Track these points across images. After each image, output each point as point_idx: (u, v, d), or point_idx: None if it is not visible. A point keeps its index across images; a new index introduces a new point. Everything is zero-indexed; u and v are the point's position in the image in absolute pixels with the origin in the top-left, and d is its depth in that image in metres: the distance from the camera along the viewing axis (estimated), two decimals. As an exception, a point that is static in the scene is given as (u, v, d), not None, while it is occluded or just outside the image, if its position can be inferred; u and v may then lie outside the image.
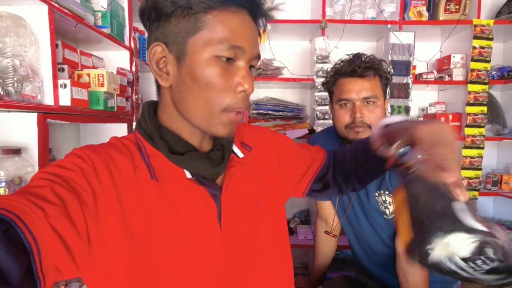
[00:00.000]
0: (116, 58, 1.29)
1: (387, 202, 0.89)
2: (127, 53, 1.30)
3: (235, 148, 0.55)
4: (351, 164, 0.63)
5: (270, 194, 0.58)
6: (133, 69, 1.32)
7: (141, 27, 1.55)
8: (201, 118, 0.46)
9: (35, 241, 0.32)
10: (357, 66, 0.84)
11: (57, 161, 0.43)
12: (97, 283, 0.43)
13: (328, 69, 0.96)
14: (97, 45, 1.22)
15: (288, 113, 1.71)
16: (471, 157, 1.69)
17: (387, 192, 0.89)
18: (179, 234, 0.46)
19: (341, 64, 0.89)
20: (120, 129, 1.27)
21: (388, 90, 1.61)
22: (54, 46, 0.84)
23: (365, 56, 0.87)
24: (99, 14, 1.10)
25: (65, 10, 0.88)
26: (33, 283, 0.32)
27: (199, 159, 0.48)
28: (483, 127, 1.67)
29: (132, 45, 1.33)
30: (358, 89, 0.85)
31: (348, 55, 0.90)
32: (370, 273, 1.05)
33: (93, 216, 0.40)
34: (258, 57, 0.48)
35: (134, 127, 1.32)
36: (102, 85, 1.04)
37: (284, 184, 0.62)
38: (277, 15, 0.50)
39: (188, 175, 0.47)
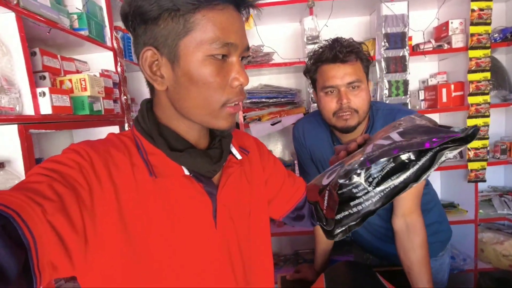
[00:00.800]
0: (100, 60, 1.27)
1: None
2: (110, 54, 1.28)
3: (234, 150, 0.56)
4: None
5: (260, 198, 0.61)
6: (119, 69, 1.30)
7: (123, 26, 1.52)
8: (202, 115, 0.46)
9: (33, 238, 0.32)
10: (338, 51, 0.82)
11: (54, 156, 0.42)
12: (95, 283, 0.43)
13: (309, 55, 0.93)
14: (79, 48, 1.20)
15: (282, 99, 1.67)
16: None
17: None
18: (178, 233, 0.46)
19: (321, 50, 0.86)
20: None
21: (384, 65, 1.58)
22: (27, 54, 0.82)
23: (344, 40, 0.85)
24: (75, 16, 1.07)
25: (36, 16, 0.86)
26: (29, 280, 0.31)
27: (197, 156, 0.48)
28: (487, 94, 1.60)
29: (115, 45, 1.30)
30: (341, 74, 0.83)
31: (326, 40, 0.88)
32: (369, 246, 1.05)
33: (89, 214, 0.40)
34: (248, 48, 0.49)
35: (127, 128, 1.31)
36: (85, 89, 1.02)
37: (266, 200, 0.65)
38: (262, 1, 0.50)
39: (186, 172, 0.48)
